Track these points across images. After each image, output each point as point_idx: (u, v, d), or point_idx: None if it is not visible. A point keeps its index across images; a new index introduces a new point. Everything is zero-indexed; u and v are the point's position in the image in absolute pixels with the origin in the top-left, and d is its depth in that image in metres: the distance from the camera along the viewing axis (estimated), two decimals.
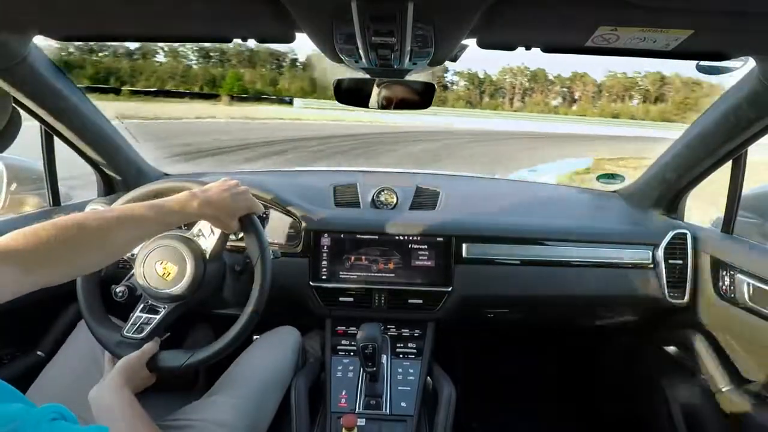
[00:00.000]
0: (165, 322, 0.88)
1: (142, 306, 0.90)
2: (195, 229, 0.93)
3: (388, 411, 0.99)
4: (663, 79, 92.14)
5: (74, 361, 0.95)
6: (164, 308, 0.88)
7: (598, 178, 1.49)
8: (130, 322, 0.88)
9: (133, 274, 0.91)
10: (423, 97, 0.91)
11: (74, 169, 1.33)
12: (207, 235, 0.92)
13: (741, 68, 0.81)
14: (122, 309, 0.92)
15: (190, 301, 0.90)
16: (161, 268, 0.88)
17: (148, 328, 0.87)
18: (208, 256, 0.90)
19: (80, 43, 0.88)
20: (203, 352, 0.86)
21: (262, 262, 0.88)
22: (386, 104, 0.91)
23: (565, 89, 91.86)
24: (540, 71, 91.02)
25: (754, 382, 1.06)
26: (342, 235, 1.21)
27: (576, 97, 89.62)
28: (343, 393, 1.03)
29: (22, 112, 0.90)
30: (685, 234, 1.19)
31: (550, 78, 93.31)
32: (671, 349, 1.31)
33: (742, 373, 1.09)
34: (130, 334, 0.87)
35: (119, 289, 0.91)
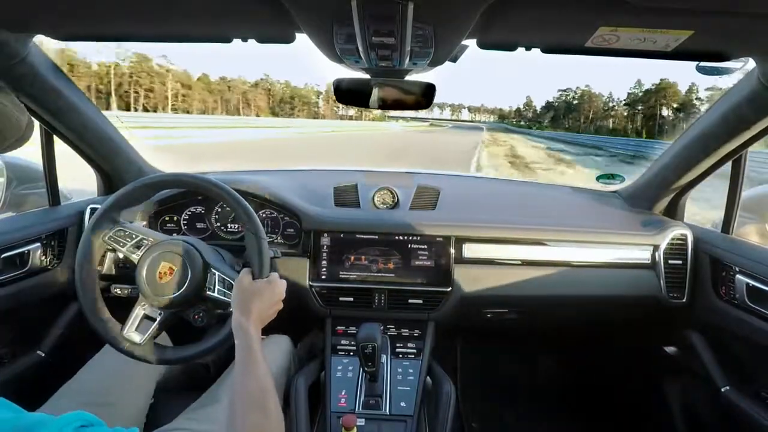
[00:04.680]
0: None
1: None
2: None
3: (387, 411, 0.99)
4: None
5: (108, 368, 0.95)
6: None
7: (598, 178, 1.49)
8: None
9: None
10: (424, 96, 0.91)
11: None
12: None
13: (741, 68, 0.81)
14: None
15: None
16: (163, 274, 0.88)
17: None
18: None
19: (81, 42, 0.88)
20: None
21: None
22: (386, 104, 0.91)
23: None
24: None
25: (754, 382, 1.06)
26: (342, 235, 1.21)
27: None
28: (343, 393, 1.03)
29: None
30: (685, 234, 1.19)
31: None
32: (671, 349, 1.31)
33: (742, 373, 1.09)
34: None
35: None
